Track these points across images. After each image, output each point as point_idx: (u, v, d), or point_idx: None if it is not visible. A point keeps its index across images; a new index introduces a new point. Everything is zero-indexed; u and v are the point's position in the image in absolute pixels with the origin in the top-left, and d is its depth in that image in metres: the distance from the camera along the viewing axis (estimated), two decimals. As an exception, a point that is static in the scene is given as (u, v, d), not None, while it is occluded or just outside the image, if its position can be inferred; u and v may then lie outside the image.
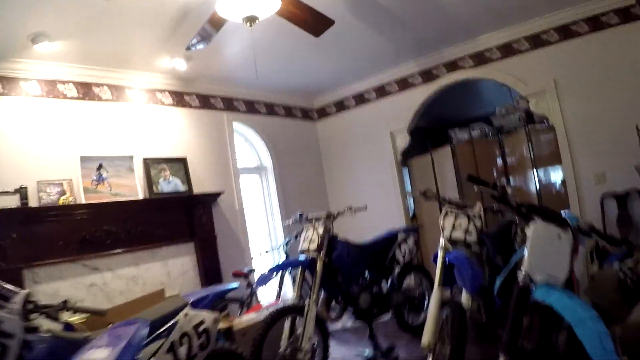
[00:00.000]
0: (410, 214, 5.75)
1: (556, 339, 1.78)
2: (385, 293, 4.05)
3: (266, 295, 5.08)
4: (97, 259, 3.85)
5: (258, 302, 4.68)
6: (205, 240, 4.55)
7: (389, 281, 4.13)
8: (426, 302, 4.29)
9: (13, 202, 3.48)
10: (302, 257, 3.64)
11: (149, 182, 4.24)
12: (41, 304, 2.05)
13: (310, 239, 3.63)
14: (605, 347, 1.41)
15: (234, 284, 3.13)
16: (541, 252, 1.75)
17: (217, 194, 4.65)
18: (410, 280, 4.44)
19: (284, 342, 3.39)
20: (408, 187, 5.69)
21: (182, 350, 2.41)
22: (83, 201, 3.79)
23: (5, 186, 3.50)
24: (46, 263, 3.58)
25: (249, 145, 5.63)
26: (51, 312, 2.10)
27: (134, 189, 4.09)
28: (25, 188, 3.54)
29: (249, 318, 3.96)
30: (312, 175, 6.11)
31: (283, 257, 5.05)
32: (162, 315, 2.46)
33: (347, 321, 4.43)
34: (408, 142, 5.58)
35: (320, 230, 3.60)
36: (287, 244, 5.01)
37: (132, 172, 4.13)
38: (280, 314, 3.35)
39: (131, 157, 4.17)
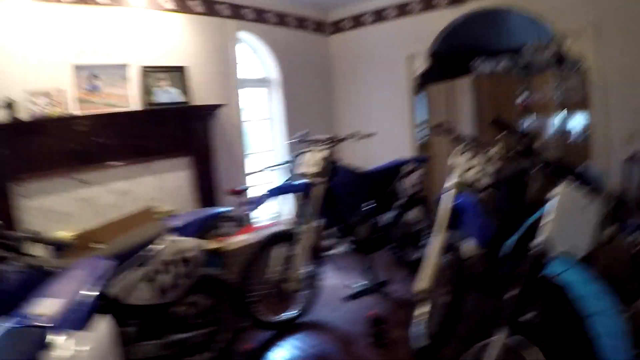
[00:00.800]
0: (420, 143, 5.47)
1: (562, 313, 1.60)
2: (385, 226, 3.91)
3: (264, 215, 4.97)
4: (88, 172, 3.65)
5: (253, 222, 4.57)
6: (202, 155, 4.34)
7: (390, 214, 3.97)
8: (424, 239, 4.16)
9: (1, 116, 3.22)
10: (300, 181, 3.45)
11: (145, 91, 3.94)
12: (5, 233, 1.86)
13: (310, 162, 3.41)
14: (625, 349, 1.21)
15: (226, 208, 2.95)
16: (565, 222, 1.51)
17: (217, 106, 4.36)
18: (411, 215, 4.28)
19: (275, 269, 3.29)
20: (421, 116, 5.34)
21: (164, 279, 2.29)
22: (75, 112, 3.54)
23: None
24: (36, 177, 3.39)
25: (256, 55, 5.24)
26: (14, 243, 1.92)
27: (128, 98, 3.81)
28: (13, 102, 3.25)
29: (241, 239, 3.86)
30: (321, 93, 5.75)
31: (285, 177, 4.86)
32: (141, 241, 2.32)
33: (344, 249, 4.33)
34: (425, 68, 5.16)
35: (322, 155, 3.38)
36: (289, 162, 4.81)
37: (127, 81, 3.82)
38: (272, 240, 3.22)
39: (126, 66, 3.85)
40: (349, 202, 3.55)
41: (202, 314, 2.65)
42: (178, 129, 4.16)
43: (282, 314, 3.34)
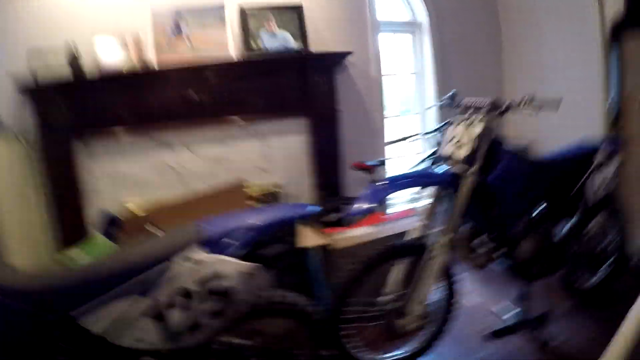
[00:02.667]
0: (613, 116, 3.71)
1: None
2: (562, 240, 2.58)
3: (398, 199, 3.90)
4: (170, 132, 2.99)
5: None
6: (324, 117, 3.39)
7: (570, 224, 2.61)
8: (612, 257, 2.84)
9: (64, 68, 2.66)
10: (440, 169, 2.29)
11: (246, 36, 3.07)
12: None
13: (458, 140, 2.22)
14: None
15: (310, 208, 1.96)
16: None
17: (345, 55, 3.33)
18: (594, 224, 2.87)
19: (389, 291, 2.27)
20: (614, 77, 3.56)
21: (176, 316, 1.46)
22: (154, 61, 2.84)
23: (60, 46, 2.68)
24: (104, 136, 2.84)
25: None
26: None
27: (223, 45, 2.97)
28: (77, 57, 2.68)
29: (355, 234, 2.89)
30: (484, 43, 4.26)
31: (432, 150, 3.70)
32: (144, 259, 1.48)
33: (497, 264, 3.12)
34: (624, 12, 3.31)
35: (477, 129, 2.16)
36: (439, 130, 3.62)
37: (223, 22, 2.98)
38: (388, 256, 2.18)
39: (222, 7, 3.00)
40: (514, 205, 2.31)
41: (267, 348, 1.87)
42: (291, 83, 3.26)
43: (389, 353, 2.37)
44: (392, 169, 3.93)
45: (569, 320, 2.69)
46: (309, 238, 2.74)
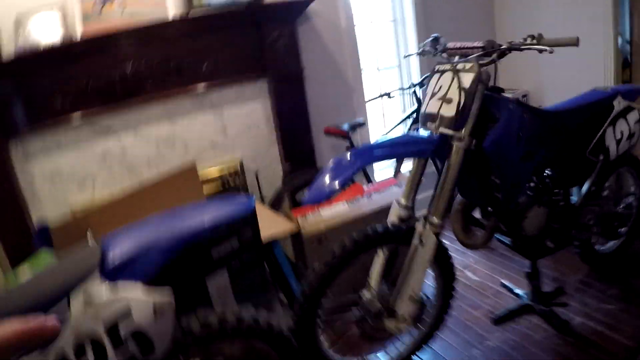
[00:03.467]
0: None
1: None
2: (575, 209, 2.18)
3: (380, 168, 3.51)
4: (109, 115, 2.51)
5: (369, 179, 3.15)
6: (285, 78, 2.91)
7: (585, 186, 2.20)
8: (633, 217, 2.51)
9: None
10: (422, 132, 1.85)
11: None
12: None
13: (444, 95, 1.76)
14: None
15: (237, 205, 1.53)
16: None
17: (306, 2, 2.81)
18: (610, 183, 2.50)
19: (373, 285, 1.88)
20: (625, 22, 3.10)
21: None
22: (80, 33, 2.33)
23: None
24: (38, 130, 2.37)
25: None
26: None
27: (160, 3, 2.45)
28: None
29: (330, 214, 2.49)
30: None
31: (413, 106, 3.27)
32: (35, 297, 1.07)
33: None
34: None
35: (467, 79, 1.70)
36: (421, 84, 3.18)
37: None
38: (366, 244, 1.76)
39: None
40: (518, 170, 1.88)
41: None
42: (244, 41, 2.76)
43: (371, 354, 2.05)
44: (374, 131, 3.52)
45: (588, 294, 2.34)
46: (273, 225, 2.34)
